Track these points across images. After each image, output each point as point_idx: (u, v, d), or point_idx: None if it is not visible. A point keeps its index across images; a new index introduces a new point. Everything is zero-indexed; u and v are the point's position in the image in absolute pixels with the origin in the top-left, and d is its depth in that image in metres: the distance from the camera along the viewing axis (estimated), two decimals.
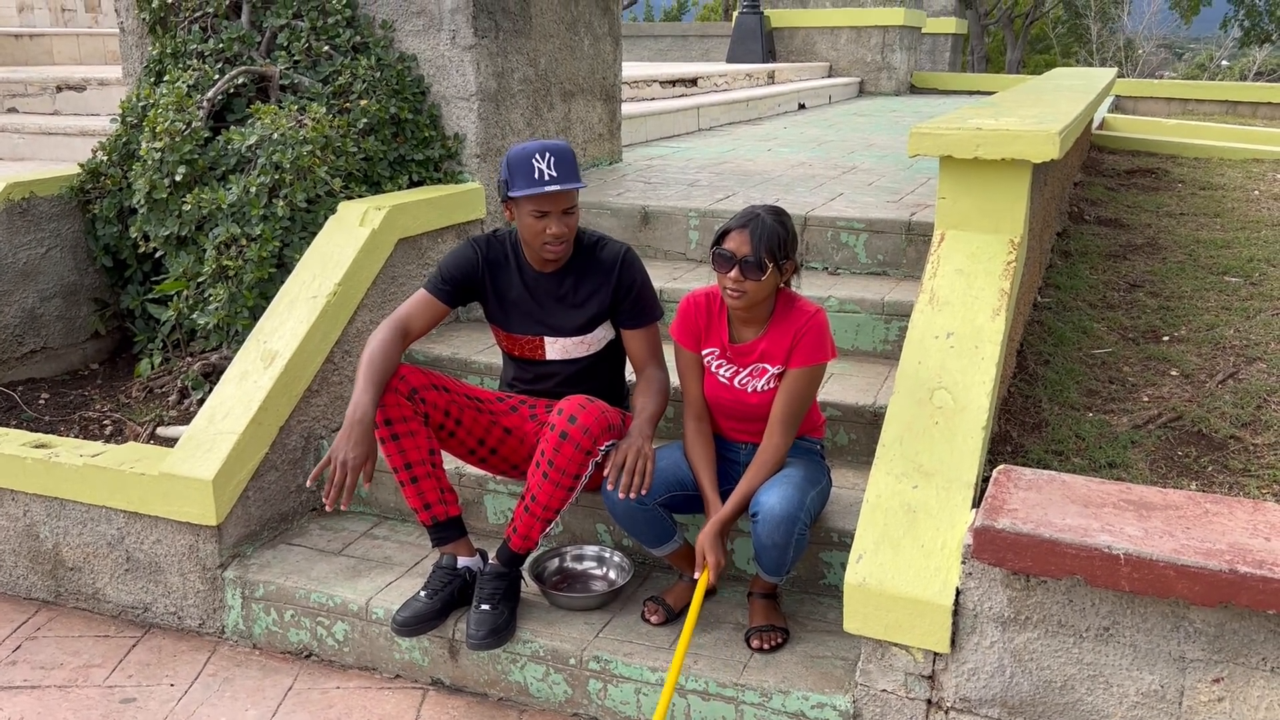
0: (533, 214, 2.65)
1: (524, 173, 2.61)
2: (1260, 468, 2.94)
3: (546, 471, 2.66)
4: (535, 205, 2.63)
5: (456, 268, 2.81)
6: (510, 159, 2.64)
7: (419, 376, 2.75)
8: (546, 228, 2.66)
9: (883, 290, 3.75)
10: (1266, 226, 5.30)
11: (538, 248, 2.71)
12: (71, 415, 3.86)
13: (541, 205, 2.64)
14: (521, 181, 2.61)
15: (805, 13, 12.65)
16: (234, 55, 4.17)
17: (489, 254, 2.83)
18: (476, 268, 2.81)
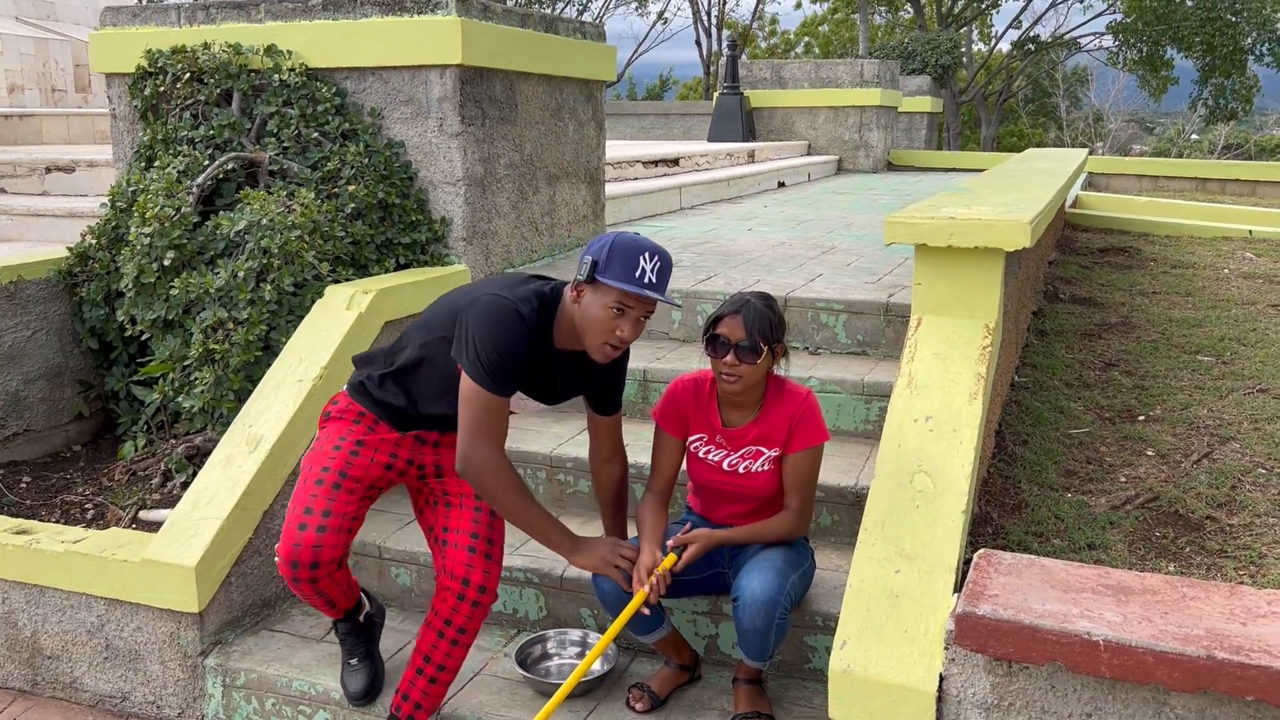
0: (614, 308, 2.41)
1: (627, 265, 2.39)
2: (1236, 549, 2.98)
3: (455, 638, 2.65)
4: (622, 301, 2.41)
5: (519, 358, 2.46)
6: (616, 246, 2.41)
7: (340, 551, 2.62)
8: (619, 328, 2.43)
9: (863, 370, 3.81)
10: (1236, 305, 5.42)
11: (598, 344, 2.46)
12: (53, 499, 3.85)
13: (629, 303, 2.41)
14: (621, 273, 2.39)
15: (784, 93, 12.95)
16: (224, 142, 4.24)
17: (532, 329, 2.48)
18: (529, 349, 2.50)
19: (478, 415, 2.41)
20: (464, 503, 2.67)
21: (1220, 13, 23.13)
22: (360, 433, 2.64)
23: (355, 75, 4.29)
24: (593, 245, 2.45)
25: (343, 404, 2.69)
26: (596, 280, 2.40)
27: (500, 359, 2.40)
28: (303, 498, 2.56)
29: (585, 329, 2.46)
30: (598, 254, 2.41)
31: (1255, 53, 23.61)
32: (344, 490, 2.58)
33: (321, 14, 4.26)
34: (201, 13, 4.45)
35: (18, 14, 10.87)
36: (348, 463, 2.60)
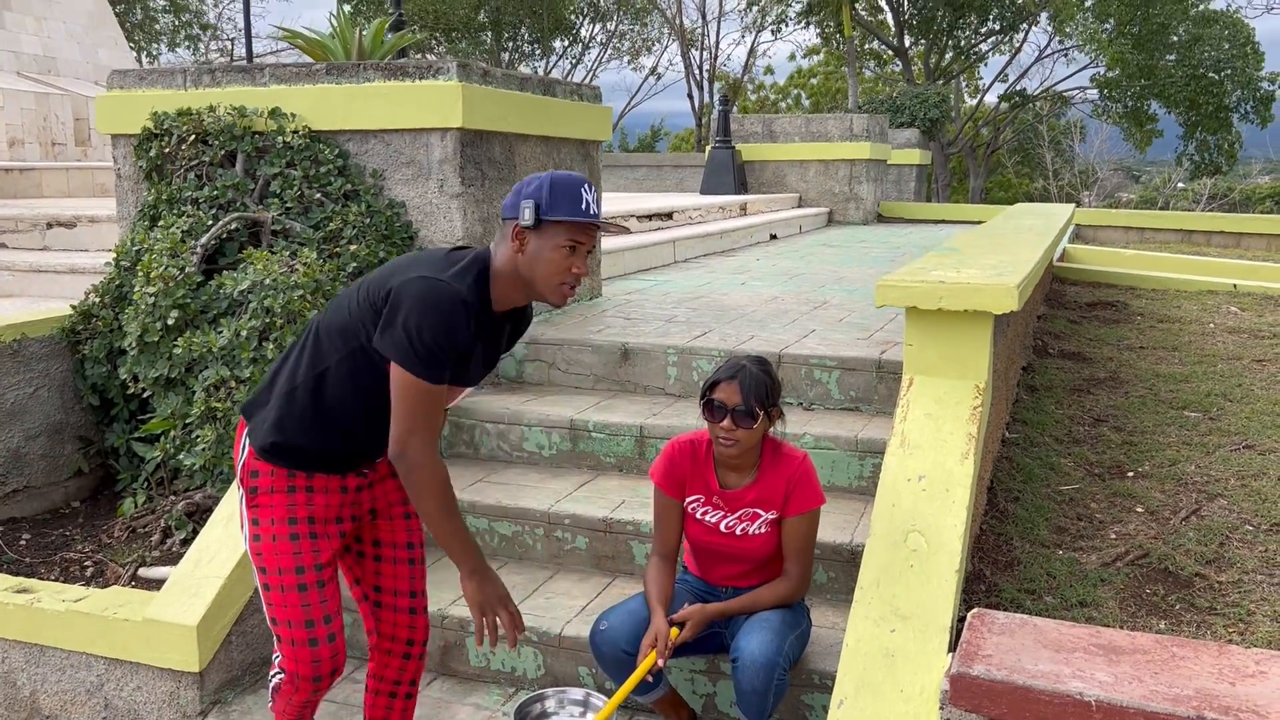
0: (565, 246, 2.26)
1: (571, 200, 2.26)
2: (1225, 606, 3.03)
3: (409, 692, 2.66)
4: (573, 236, 2.26)
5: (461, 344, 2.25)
6: (556, 184, 2.26)
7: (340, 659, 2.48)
8: (574, 265, 2.29)
9: (856, 427, 3.87)
10: (1222, 360, 5.51)
11: (554, 285, 2.29)
12: (52, 556, 3.87)
13: (579, 237, 2.28)
14: (568, 208, 2.25)
15: (775, 147, 13.14)
16: (228, 202, 4.32)
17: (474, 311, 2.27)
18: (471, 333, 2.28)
19: (418, 407, 2.22)
20: (397, 555, 2.54)
21: (1204, 70, 23.58)
22: (302, 505, 2.37)
23: (358, 137, 4.38)
24: (525, 190, 2.28)
25: (265, 475, 2.37)
26: (543, 222, 2.26)
27: (440, 348, 2.20)
28: (295, 611, 2.35)
29: (536, 275, 2.28)
30: (537, 195, 2.26)
31: (1240, 110, 24.05)
32: (328, 584, 2.41)
33: (325, 79, 4.36)
34: (207, 76, 4.55)
35: (19, 69, 11.02)
36: (315, 552, 2.38)
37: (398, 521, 2.55)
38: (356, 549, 2.56)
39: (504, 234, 2.31)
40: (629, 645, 2.69)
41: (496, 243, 2.34)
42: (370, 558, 2.55)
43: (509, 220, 2.29)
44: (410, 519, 2.56)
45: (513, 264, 2.29)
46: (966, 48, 27.90)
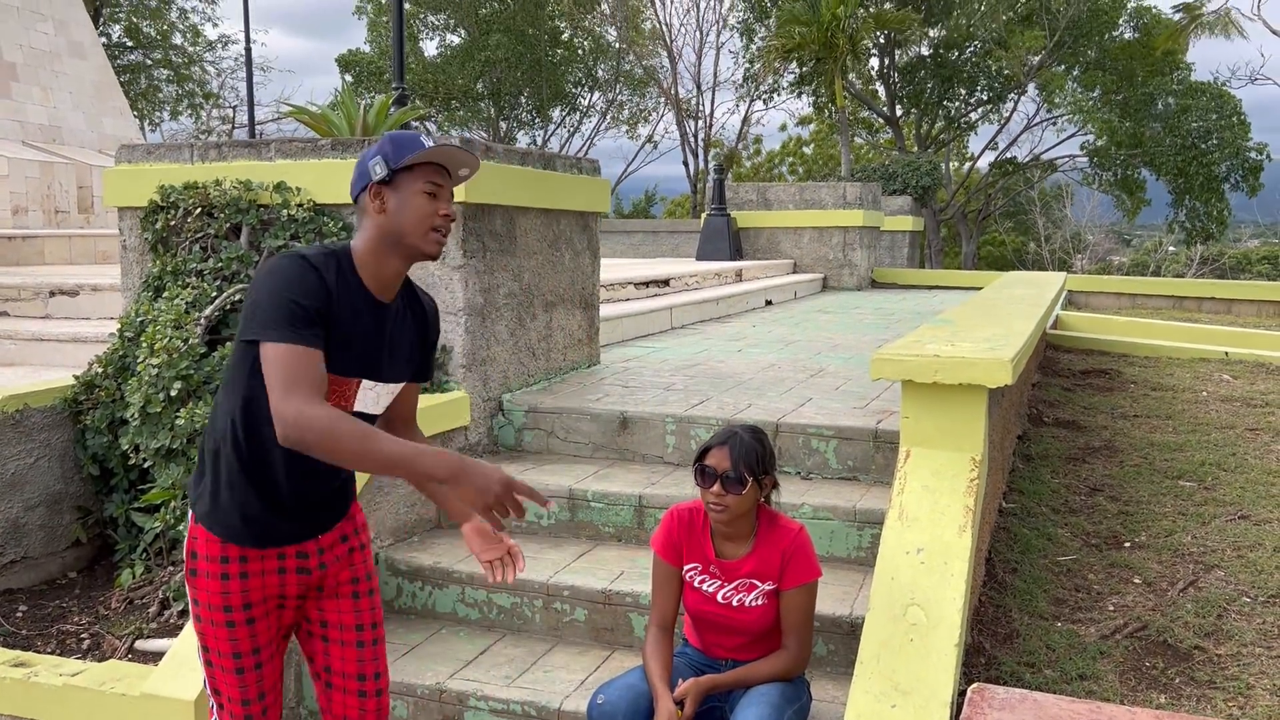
0: (427, 191, 2.18)
1: (413, 142, 2.19)
2: (1225, 679, 3.03)
3: None
4: (430, 178, 2.19)
5: (310, 295, 2.09)
6: (393, 138, 2.21)
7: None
8: (440, 208, 2.20)
9: (854, 497, 3.89)
10: (1215, 429, 5.55)
11: (424, 234, 2.20)
12: (49, 628, 3.85)
13: (435, 178, 2.20)
14: (413, 150, 2.18)
15: (770, 214, 13.31)
16: (232, 274, 4.38)
17: (327, 272, 2.15)
18: (323, 291, 2.12)
19: (285, 370, 2.01)
20: (344, 638, 2.41)
21: (1193, 140, 24.02)
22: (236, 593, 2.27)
23: None
24: (365, 158, 2.22)
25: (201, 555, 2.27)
26: (395, 173, 2.18)
27: (283, 304, 2.05)
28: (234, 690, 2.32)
29: (404, 229, 2.18)
30: (381, 151, 2.20)
31: (1230, 180, 24.46)
32: (267, 664, 2.35)
33: (330, 154, 4.45)
34: (214, 151, 4.64)
35: (25, 137, 11.19)
36: (252, 637, 2.30)
37: (345, 602, 2.42)
38: (306, 627, 2.44)
39: (361, 208, 2.24)
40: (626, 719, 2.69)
41: (357, 225, 2.26)
42: (319, 638, 2.42)
43: (359, 193, 2.23)
44: (360, 599, 2.42)
45: (377, 228, 2.20)
46: (957, 117, 28.39)
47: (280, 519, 2.27)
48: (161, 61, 26.88)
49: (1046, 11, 24.53)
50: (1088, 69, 25.33)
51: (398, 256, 2.22)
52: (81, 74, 12.33)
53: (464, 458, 2.02)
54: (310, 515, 2.31)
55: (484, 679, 3.31)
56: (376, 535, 3.89)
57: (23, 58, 11.48)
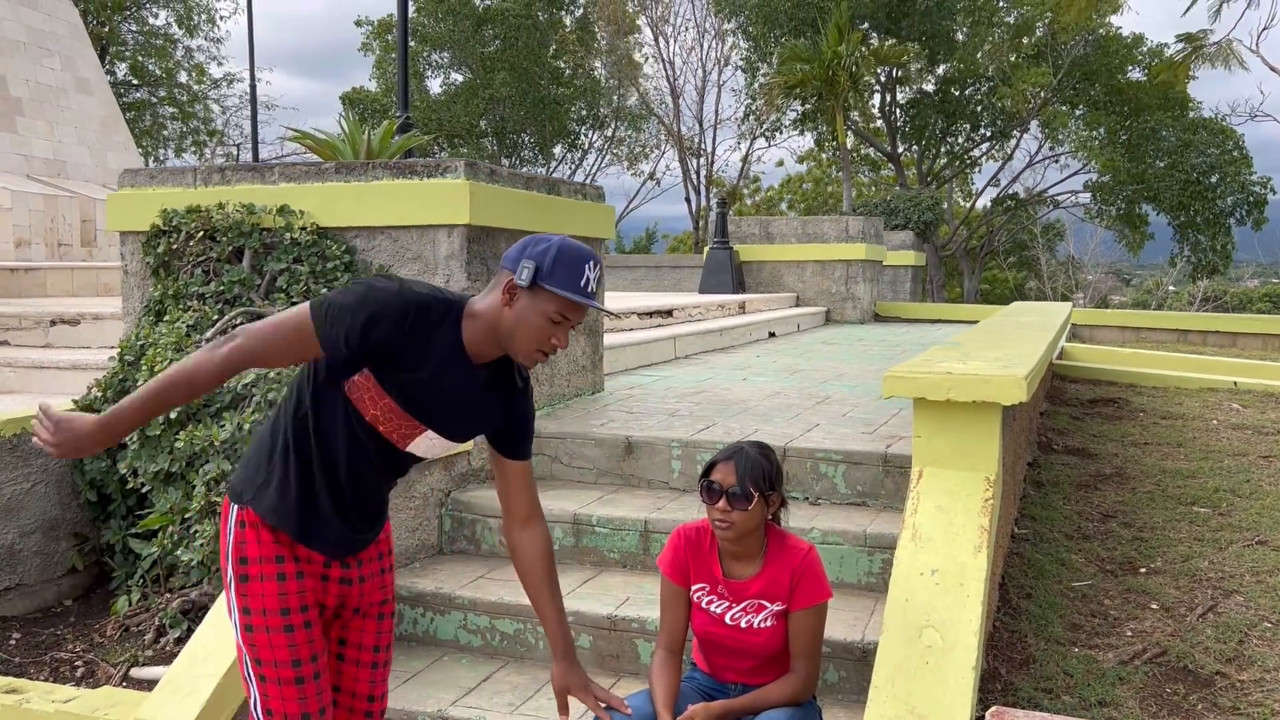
0: (554, 316, 2.17)
1: (572, 274, 2.17)
2: (1249, 705, 2.94)
3: None
4: (563, 310, 2.17)
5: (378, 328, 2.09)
6: (563, 253, 2.17)
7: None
8: (555, 335, 2.20)
9: (864, 522, 3.82)
10: (1228, 456, 5.48)
11: (530, 350, 2.20)
12: (43, 656, 3.77)
13: (569, 313, 2.19)
14: (566, 281, 2.15)
15: (772, 248, 13.32)
16: (234, 297, 4.34)
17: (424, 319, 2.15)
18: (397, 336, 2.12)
19: (271, 324, 2.12)
20: (361, 658, 2.40)
21: (1196, 175, 24.11)
22: (294, 593, 2.24)
23: (365, 234, 4.43)
24: (530, 248, 2.18)
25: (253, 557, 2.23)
26: (538, 286, 2.16)
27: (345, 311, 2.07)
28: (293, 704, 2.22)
29: (516, 334, 2.18)
30: (540, 259, 2.16)
31: (1235, 215, 24.53)
32: (323, 674, 2.28)
33: (334, 177, 4.43)
34: (217, 174, 4.62)
35: (29, 171, 11.23)
36: (310, 643, 2.25)
37: (370, 622, 2.41)
38: (335, 646, 2.41)
39: (497, 282, 2.21)
40: None
41: (488, 289, 2.25)
42: (334, 655, 2.39)
43: (505, 271, 2.20)
44: (383, 620, 2.43)
45: (496, 314, 2.19)
46: (959, 153, 28.54)
47: (339, 521, 2.27)
48: (166, 99, 27.10)
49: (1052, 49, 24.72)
50: (1093, 108, 25.48)
51: (496, 346, 2.22)
52: (87, 109, 12.40)
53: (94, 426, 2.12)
54: (363, 523, 2.32)
55: (486, 706, 3.23)
56: None
57: (29, 92, 11.54)
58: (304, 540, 2.25)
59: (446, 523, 4.21)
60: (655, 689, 2.68)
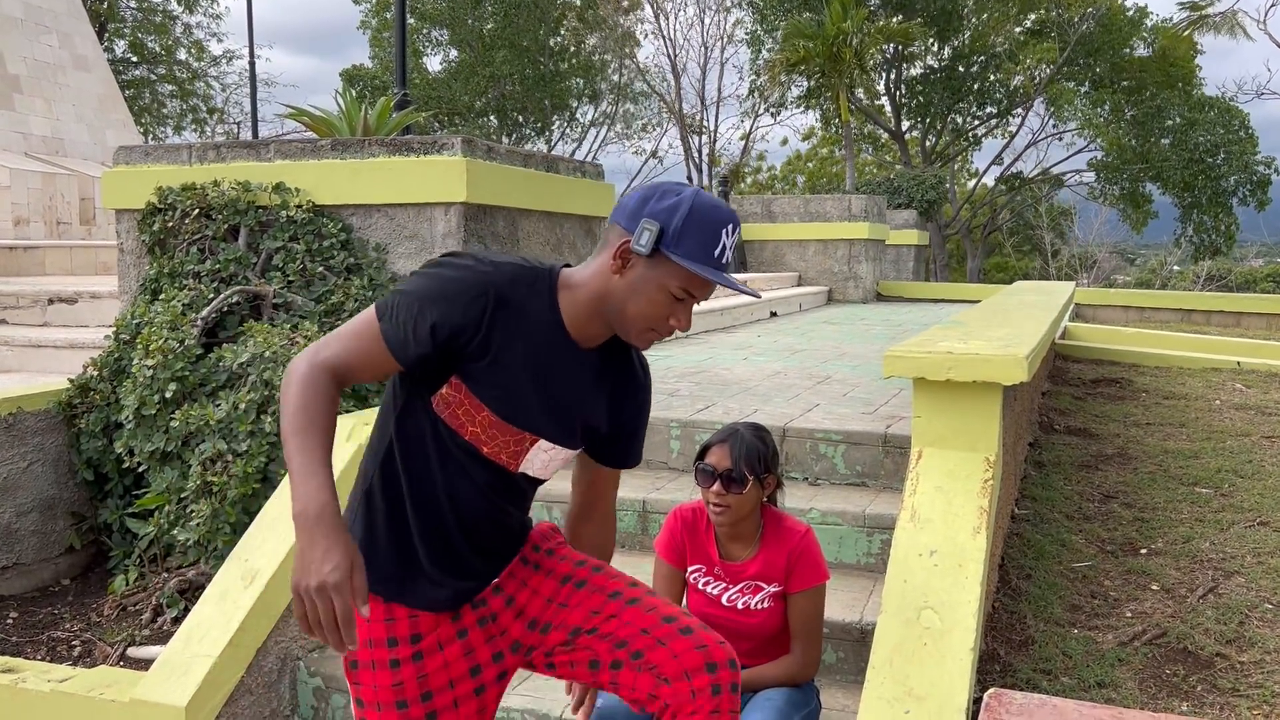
0: (677, 291, 1.75)
1: (706, 240, 1.73)
2: (1249, 687, 2.93)
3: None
4: (689, 285, 1.75)
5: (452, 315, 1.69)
6: (696, 211, 1.73)
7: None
8: (675, 315, 1.77)
9: (863, 502, 3.80)
10: (1231, 436, 5.45)
11: (642, 329, 1.78)
12: (40, 635, 3.77)
13: (697, 289, 1.76)
14: (697, 249, 1.72)
15: (774, 227, 13.25)
16: (230, 275, 4.31)
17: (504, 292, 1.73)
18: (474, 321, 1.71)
19: (345, 335, 1.72)
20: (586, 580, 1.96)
21: (1200, 154, 23.99)
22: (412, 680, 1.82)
23: (361, 212, 4.40)
24: (654, 202, 1.75)
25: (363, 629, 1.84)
26: (660, 252, 1.73)
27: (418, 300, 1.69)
28: None
29: (627, 310, 1.77)
30: (666, 218, 1.72)
31: (1238, 194, 24.43)
32: None
33: (330, 154, 4.39)
34: (213, 152, 4.58)
35: (27, 149, 11.18)
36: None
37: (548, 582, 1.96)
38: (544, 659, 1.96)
39: (606, 243, 1.79)
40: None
41: (596, 250, 1.83)
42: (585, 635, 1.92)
43: (616, 228, 1.77)
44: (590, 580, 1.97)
45: (602, 283, 1.77)
46: (963, 130, 28.39)
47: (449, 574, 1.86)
48: (166, 77, 26.98)
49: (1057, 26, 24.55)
50: (1098, 85, 25.33)
51: (603, 325, 1.81)
52: (85, 87, 12.33)
53: (326, 519, 1.56)
54: (486, 566, 1.91)
55: None
56: None
57: (26, 70, 11.48)
58: (413, 602, 1.84)
59: None
60: None
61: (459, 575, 1.86)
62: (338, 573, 1.52)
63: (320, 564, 1.52)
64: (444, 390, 1.77)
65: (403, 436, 1.81)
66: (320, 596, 1.52)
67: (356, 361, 1.71)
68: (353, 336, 1.71)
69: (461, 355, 1.73)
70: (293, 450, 1.60)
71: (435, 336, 1.69)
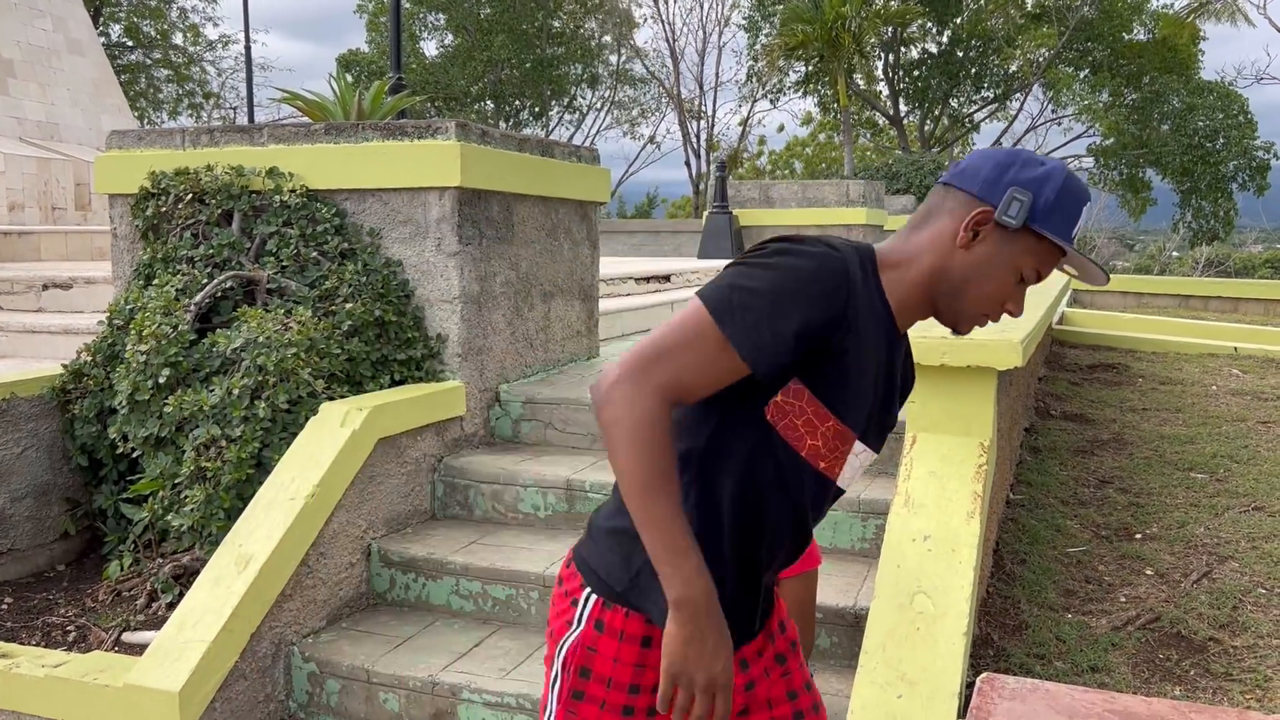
0: (1028, 273, 1.55)
1: (1069, 217, 1.54)
2: (1241, 671, 2.93)
3: None
4: (1042, 265, 1.55)
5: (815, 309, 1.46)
6: (1067, 183, 1.53)
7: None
8: (1013, 299, 1.57)
9: (857, 487, 3.79)
10: (1226, 422, 5.45)
11: (976, 313, 1.57)
12: (34, 620, 3.76)
13: (1047, 269, 1.56)
14: (1062, 225, 1.53)
15: (772, 212, 13.23)
16: (223, 260, 4.30)
17: (858, 285, 1.50)
18: (839, 312, 1.48)
19: (677, 341, 1.45)
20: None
21: (1199, 139, 23.94)
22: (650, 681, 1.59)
23: (355, 196, 4.38)
24: (1017, 171, 1.53)
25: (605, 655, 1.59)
26: (1025, 228, 1.52)
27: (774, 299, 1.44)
28: None
29: (968, 289, 1.54)
30: (1036, 189, 1.51)
31: (1237, 179, 24.39)
32: None
33: (323, 138, 4.37)
34: (205, 136, 4.56)
35: (22, 134, 11.13)
36: None
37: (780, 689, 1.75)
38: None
39: (941, 211, 1.56)
40: None
41: (915, 225, 1.59)
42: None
43: (966, 195, 1.54)
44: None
45: (942, 258, 1.55)
46: (961, 116, 28.32)
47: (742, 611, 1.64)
48: (161, 61, 26.86)
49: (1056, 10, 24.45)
50: (1097, 70, 25.24)
51: (926, 308, 1.59)
52: (80, 71, 12.27)
53: (713, 609, 1.42)
54: (765, 605, 1.70)
55: (478, 671, 3.22)
56: (369, 526, 3.80)
57: (20, 54, 11.42)
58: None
59: (439, 489, 4.19)
60: None
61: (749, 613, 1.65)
62: (728, 674, 1.43)
63: (711, 661, 1.42)
64: (778, 397, 1.53)
65: (723, 460, 1.56)
66: (706, 695, 1.43)
67: (694, 379, 1.46)
68: (684, 349, 1.45)
69: (816, 357, 1.49)
70: (652, 517, 1.40)
71: (800, 340, 1.45)
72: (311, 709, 3.36)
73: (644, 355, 1.45)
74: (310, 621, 3.47)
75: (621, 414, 1.42)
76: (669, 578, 1.40)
